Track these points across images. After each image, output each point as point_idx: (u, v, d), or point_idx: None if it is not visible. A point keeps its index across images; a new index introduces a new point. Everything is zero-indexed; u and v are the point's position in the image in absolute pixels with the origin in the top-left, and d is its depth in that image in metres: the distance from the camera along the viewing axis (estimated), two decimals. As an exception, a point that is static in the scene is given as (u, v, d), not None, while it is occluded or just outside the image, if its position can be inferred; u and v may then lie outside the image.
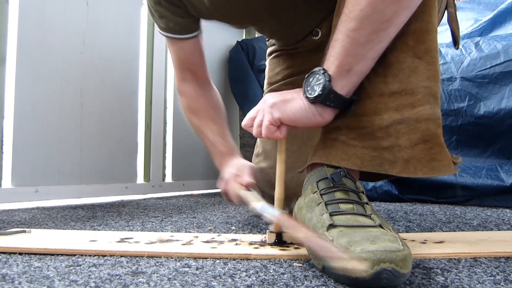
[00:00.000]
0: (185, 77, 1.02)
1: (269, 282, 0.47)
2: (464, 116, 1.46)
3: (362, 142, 0.60)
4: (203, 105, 1.02)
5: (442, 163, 0.59)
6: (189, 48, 0.99)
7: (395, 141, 0.59)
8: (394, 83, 0.59)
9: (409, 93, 0.59)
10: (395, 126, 0.59)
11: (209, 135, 1.00)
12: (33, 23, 1.31)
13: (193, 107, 1.02)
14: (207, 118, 1.01)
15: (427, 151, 0.59)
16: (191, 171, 1.98)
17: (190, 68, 1.02)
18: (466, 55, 1.50)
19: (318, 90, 0.59)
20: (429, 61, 0.60)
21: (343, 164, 0.60)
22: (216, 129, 1.00)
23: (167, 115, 1.87)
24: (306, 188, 0.62)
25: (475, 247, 0.64)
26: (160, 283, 0.46)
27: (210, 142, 1.00)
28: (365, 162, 0.60)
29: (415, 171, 0.58)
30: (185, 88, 1.03)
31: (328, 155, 0.62)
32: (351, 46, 0.57)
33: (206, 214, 1.12)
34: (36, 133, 1.32)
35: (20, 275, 0.49)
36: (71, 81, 1.42)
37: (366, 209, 0.55)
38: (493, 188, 1.40)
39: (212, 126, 1.00)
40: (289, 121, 0.62)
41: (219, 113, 1.04)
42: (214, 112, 1.03)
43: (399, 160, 0.59)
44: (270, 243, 0.65)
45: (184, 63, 1.01)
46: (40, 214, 1.11)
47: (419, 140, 0.59)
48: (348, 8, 0.57)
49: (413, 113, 0.59)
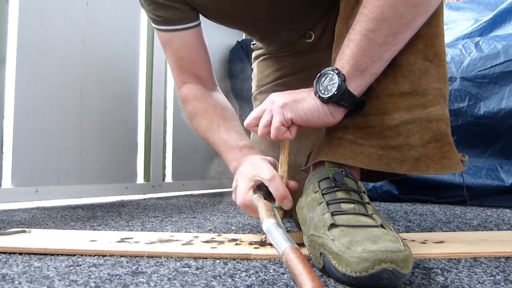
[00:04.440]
0: (187, 80, 0.91)
1: (269, 282, 0.47)
2: (464, 116, 1.46)
3: (370, 141, 0.61)
4: (211, 104, 0.88)
5: (452, 161, 0.61)
6: (191, 41, 0.88)
7: (405, 140, 0.60)
8: (404, 84, 0.61)
9: (420, 93, 0.61)
10: (406, 125, 0.60)
11: (221, 131, 0.83)
12: (33, 23, 1.31)
13: (200, 108, 0.88)
14: (217, 116, 0.86)
15: (438, 149, 0.60)
16: (191, 171, 1.98)
17: (193, 68, 0.90)
18: (466, 55, 1.50)
19: (333, 90, 0.59)
20: (438, 64, 0.62)
21: (350, 162, 0.61)
22: (230, 126, 0.84)
23: (167, 115, 1.87)
24: (308, 188, 0.63)
25: (475, 247, 0.64)
26: (160, 283, 0.46)
27: (222, 140, 0.83)
28: (372, 160, 0.60)
29: (427, 168, 0.60)
30: (188, 91, 0.90)
31: (335, 153, 0.62)
32: (368, 47, 0.58)
33: (206, 214, 1.12)
34: (36, 133, 1.31)
35: (20, 275, 0.49)
36: (71, 81, 1.42)
37: (367, 209, 0.55)
38: (493, 188, 1.40)
39: (225, 123, 0.85)
40: (301, 121, 0.61)
41: (230, 113, 0.89)
42: (224, 111, 0.88)
43: (408, 159, 0.60)
44: (270, 243, 0.65)
45: (186, 62, 0.90)
46: (40, 214, 1.11)
47: (431, 139, 0.60)
48: (367, 9, 0.57)
49: (425, 113, 0.61)
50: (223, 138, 0.82)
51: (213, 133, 0.84)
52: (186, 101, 0.90)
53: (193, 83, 0.90)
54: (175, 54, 0.90)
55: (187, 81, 0.90)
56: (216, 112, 0.86)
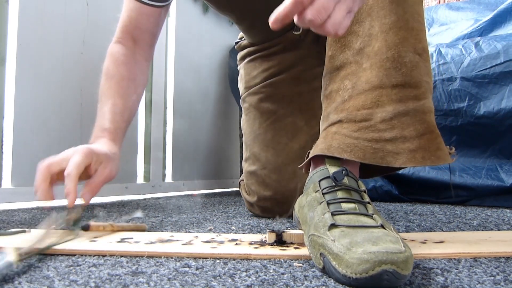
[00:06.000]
0: (122, 40, 0.95)
1: (269, 282, 0.47)
2: (464, 116, 1.47)
3: (364, 135, 0.61)
4: (121, 75, 0.92)
5: (444, 152, 0.62)
6: (146, 13, 0.92)
7: (400, 133, 0.60)
8: (396, 76, 0.61)
9: (413, 86, 0.61)
10: (400, 117, 0.60)
11: (106, 106, 0.88)
12: (33, 23, 1.31)
13: (111, 72, 0.92)
14: (115, 89, 0.90)
15: (433, 141, 0.61)
16: (191, 171, 1.98)
17: (134, 32, 0.94)
18: (466, 55, 1.50)
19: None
20: (426, 59, 0.63)
21: (345, 155, 0.60)
22: (118, 103, 0.88)
23: (167, 115, 1.87)
24: (308, 187, 0.62)
25: (475, 247, 0.64)
26: (160, 283, 0.46)
27: (101, 112, 0.88)
28: (367, 154, 0.60)
29: (424, 160, 0.60)
30: (116, 49, 0.95)
31: (329, 148, 0.62)
32: None
33: (206, 214, 1.12)
34: (36, 133, 1.31)
35: (20, 275, 0.49)
36: (71, 81, 1.42)
37: (368, 208, 0.55)
38: (493, 188, 1.40)
39: (117, 100, 0.89)
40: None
41: (133, 89, 0.93)
42: (128, 86, 0.92)
43: (403, 152, 0.60)
44: (270, 243, 0.65)
45: (131, 25, 0.94)
46: (40, 214, 1.11)
47: (426, 130, 0.61)
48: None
49: (419, 105, 0.61)
50: (103, 111, 0.88)
51: (101, 102, 0.90)
52: (108, 57, 0.95)
53: (125, 46, 0.95)
54: (128, 12, 0.95)
55: (122, 41, 0.95)
56: (119, 84, 0.91)
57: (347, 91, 0.64)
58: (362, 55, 0.63)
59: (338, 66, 0.66)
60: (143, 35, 0.95)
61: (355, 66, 0.64)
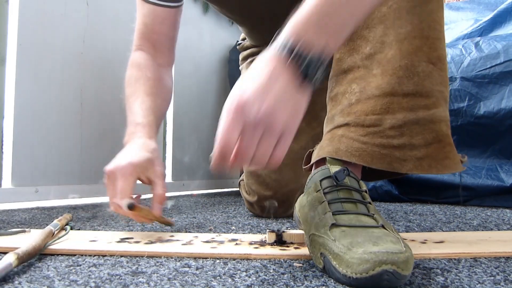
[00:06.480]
0: (142, 47, 0.92)
1: (269, 282, 0.47)
2: (464, 116, 1.47)
3: (372, 140, 0.61)
4: (145, 76, 0.88)
5: (453, 161, 0.62)
6: (160, 16, 0.90)
7: (408, 140, 0.61)
8: (408, 85, 0.61)
9: (424, 95, 0.61)
10: (409, 125, 0.61)
11: (135, 104, 0.84)
12: (33, 23, 1.31)
13: (136, 76, 0.88)
14: (143, 89, 0.86)
15: (440, 150, 0.62)
16: (191, 171, 1.98)
17: (151, 37, 0.92)
18: (466, 55, 1.50)
19: None
20: (441, 68, 0.63)
21: (353, 159, 0.61)
22: (147, 100, 0.84)
23: (167, 115, 1.87)
24: (309, 187, 0.62)
25: (475, 247, 0.64)
26: (160, 283, 0.46)
27: (131, 112, 0.83)
28: (374, 159, 0.61)
29: (429, 168, 0.60)
30: (137, 55, 0.91)
31: (338, 151, 0.62)
32: None
33: (206, 214, 1.12)
34: (36, 133, 1.31)
35: (20, 275, 0.49)
36: (71, 81, 1.42)
37: (369, 208, 0.55)
38: (493, 188, 1.40)
39: (144, 97, 0.84)
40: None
41: (159, 89, 0.89)
42: (154, 86, 0.88)
43: (411, 159, 0.60)
44: (270, 243, 0.65)
45: (148, 30, 0.91)
46: (40, 214, 1.11)
47: (434, 139, 0.61)
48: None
49: (428, 115, 0.61)
50: (132, 110, 0.84)
51: (129, 102, 0.86)
52: (130, 66, 0.91)
53: (146, 52, 0.92)
54: (142, 19, 0.92)
55: (142, 48, 0.93)
56: (145, 84, 0.87)
57: (354, 94, 0.64)
58: (372, 60, 0.63)
59: (346, 69, 0.66)
60: (161, 39, 0.94)
61: (364, 71, 0.64)
